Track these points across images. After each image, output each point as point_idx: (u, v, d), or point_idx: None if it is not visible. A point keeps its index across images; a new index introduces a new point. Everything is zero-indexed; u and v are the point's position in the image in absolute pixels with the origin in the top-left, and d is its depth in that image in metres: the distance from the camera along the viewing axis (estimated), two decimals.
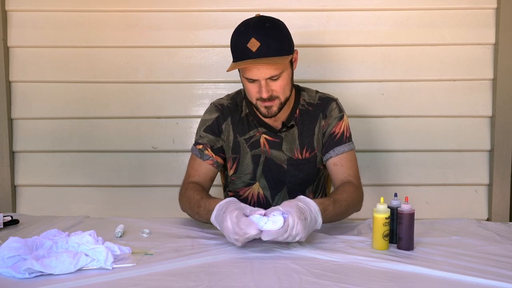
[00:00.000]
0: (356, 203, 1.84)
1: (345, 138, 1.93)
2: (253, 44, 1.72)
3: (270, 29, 1.75)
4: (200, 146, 1.94)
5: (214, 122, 1.95)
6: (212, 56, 2.61)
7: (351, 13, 2.58)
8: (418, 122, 2.61)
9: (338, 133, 1.93)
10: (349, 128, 1.96)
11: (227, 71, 1.78)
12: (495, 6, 2.55)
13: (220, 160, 1.95)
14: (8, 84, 2.61)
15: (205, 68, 2.61)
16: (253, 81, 1.78)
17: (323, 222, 1.61)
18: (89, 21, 2.59)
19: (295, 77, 1.92)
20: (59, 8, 2.58)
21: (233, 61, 1.79)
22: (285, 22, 1.85)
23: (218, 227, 1.60)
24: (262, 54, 1.72)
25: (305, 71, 2.57)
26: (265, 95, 1.77)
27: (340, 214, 1.75)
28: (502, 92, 2.56)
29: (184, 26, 2.59)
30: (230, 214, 1.51)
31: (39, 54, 2.60)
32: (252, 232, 1.47)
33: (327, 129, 1.93)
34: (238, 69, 1.81)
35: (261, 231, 1.47)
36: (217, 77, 2.60)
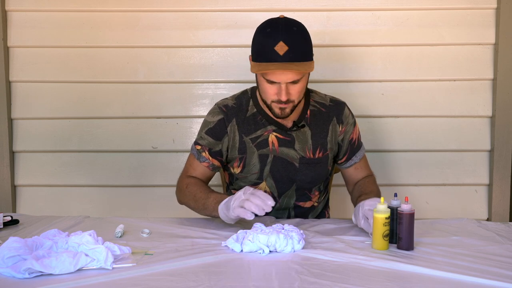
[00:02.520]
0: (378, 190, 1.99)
1: (360, 142, 2.04)
2: (281, 48, 1.72)
3: (298, 34, 1.76)
4: (199, 147, 1.96)
5: (216, 125, 1.94)
6: (212, 56, 2.61)
7: (351, 13, 2.58)
8: (418, 122, 2.61)
9: (355, 139, 2.02)
10: (359, 131, 2.06)
11: (252, 71, 1.77)
12: (495, 6, 2.55)
13: (217, 163, 1.96)
14: (8, 84, 2.61)
15: (205, 68, 2.61)
16: (272, 82, 1.78)
17: None
18: (89, 21, 2.59)
19: None
20: (59, 8, 2.58)
21: (255, 60, 1.79)
22: None
23: (223, 211, 1.70)
24: (288, 58, 1.72)
25: None
26: (284, 98, 1.78)
27: None
28: (502, 92, 2.56)
29: (184, 26, 2.59)
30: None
31: (39, 54, 2.60)
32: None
33: (345, 136, 1.98)
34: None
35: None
36: (217, 77, 2.60)
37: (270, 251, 1.52)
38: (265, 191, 1.97)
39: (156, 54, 2.61)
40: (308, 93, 1.98)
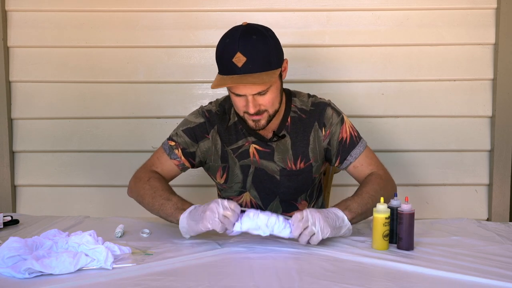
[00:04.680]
0: (384, 190, 1.75)
1: (356, 139, 1.86)
2: (239, 59, 1.64)
3: (257, 43, 1.66)
4: (172, 143, 1.86)
5: (197, 126, 1.86)
6: (212, 56, 2.56)
7: (351, 13, 2.58)
8: (418, 122, 2.61)
9: (346, 137, 1.85)
10: (354, 127, 1.89)
11: (212, 88, 1.69)
12: (495, 6, 2.55)
13: (187, 164, 1.87)
14: (8, 84, 2.61)
15: (205, 68, 2.61)
16: (239, 95, 1.71)
17: (355, 220, 1.65)
18: (89, 21, 2.59)
19: (295, 77, 1.92)
20: (59, 8, 2.58)
21: (219, 72, 1.72)
22: (285, 22, 1.84)
23: (186, 222, 1.60)
24: (248, 70, 1.64)
25: (305, 71, 2.57)
26: (252, 110, 1.69)
27: (368, 204, 1.68)
28: (502, 92, 2.56)
29: (184, 26, 2.59)
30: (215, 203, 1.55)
31: (39, 54, 2.60)
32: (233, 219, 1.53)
33: (332, 138, 1.85)
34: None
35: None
36: None
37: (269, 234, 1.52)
38: (251, 200, 1.92)
39: (156, 54, 2.61)
40: (290, 98, 1.88)
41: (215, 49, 2.56)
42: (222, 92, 2.54)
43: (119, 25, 2.59)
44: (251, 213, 1.53)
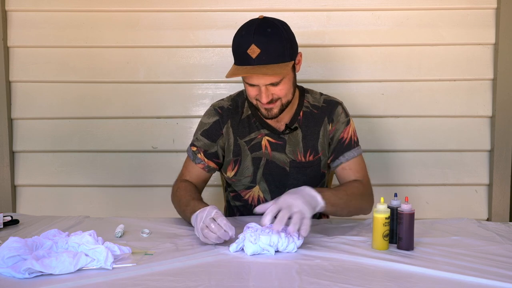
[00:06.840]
0: (361, 196, 1.81)
1: (354, 143, 1.92)
2: (253, 51, 1.69)
3: (272, 35, 1.71)
4: (194, 149, 1.95)
5: (211, 126, 1.93)
6: (212, 56, 2.61)
7: (351, 13, 2.58)
8: (418, 122, 2.61)
9: (346, 138, 1.91)
10: (356, 133, 1.94)
11: (226, 77, 1.74)
12: (495, 6, 2.55)
13: (212, 165, 1.94)
14: (8, 84, 2.61)
15: (205, 68, 2.61)
16: (252, 85, 1.77)
17: (328, 209, 1.67)
18: (89, 21, 2.59)
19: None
20: (59, 8, 2.58)
21: (235, 63, 1.78)
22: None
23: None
24: (262, 61, 1.69)
25: (305, 71, 2.57)
26: (264, 100, 1.75)
27: (341, 200, 1.73)
28: (502, 92, 2.56)
29: (184, 26, 2.59)
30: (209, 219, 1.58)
31: (39, 54, 2.60)
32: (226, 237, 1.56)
33: (334, 134, 1.91)
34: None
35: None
36: (217, 77, 2.60)
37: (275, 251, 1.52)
38: (258, 196, 1.95)
39: (156, 54, 2.61)
40: (303, 94, 1.95)
41: (215, 49, 2.61)
42: (223, 91, 2.56)
43: (119, 25, 2.59)
44: (252, 238, 1.52)
